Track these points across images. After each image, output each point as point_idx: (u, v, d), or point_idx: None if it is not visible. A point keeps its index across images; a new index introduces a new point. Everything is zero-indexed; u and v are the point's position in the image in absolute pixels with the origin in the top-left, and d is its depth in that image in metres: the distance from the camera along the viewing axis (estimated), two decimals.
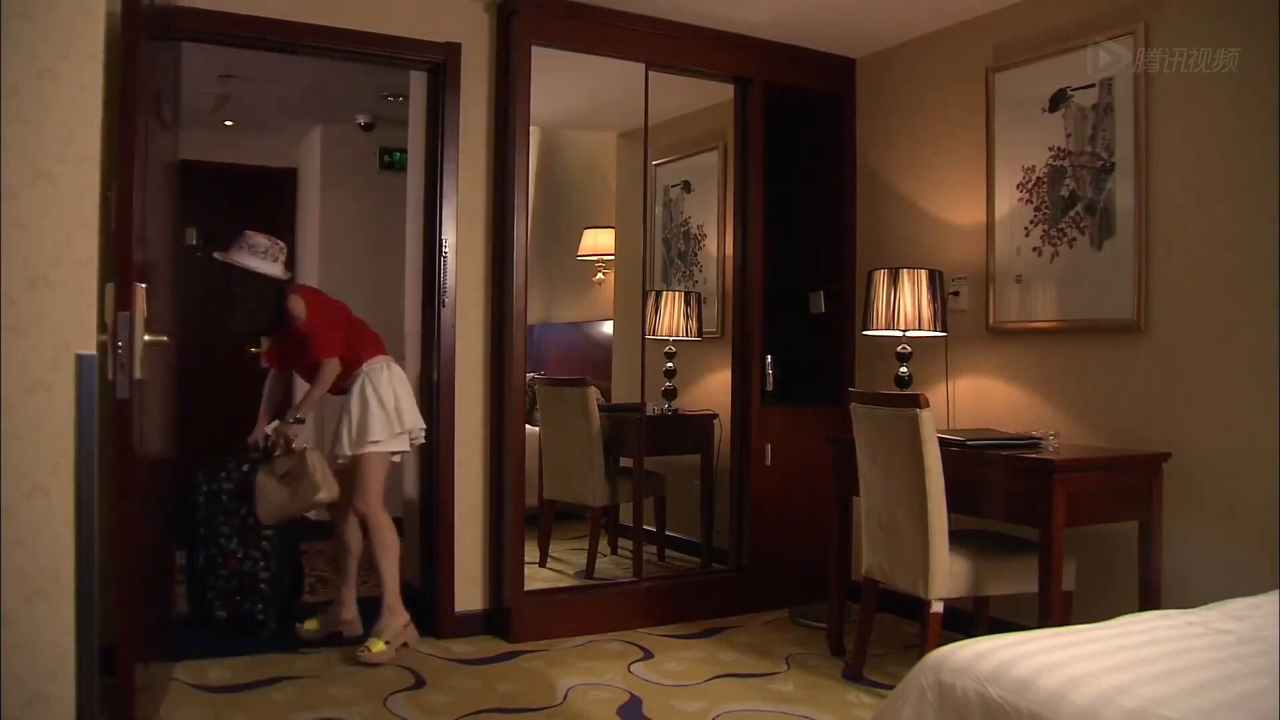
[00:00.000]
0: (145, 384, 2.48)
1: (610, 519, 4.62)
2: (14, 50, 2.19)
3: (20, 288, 2.20)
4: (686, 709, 3.05)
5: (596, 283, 4.70)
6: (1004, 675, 1.72)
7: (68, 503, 2.22)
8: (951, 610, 3.16)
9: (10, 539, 2.16)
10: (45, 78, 2.23)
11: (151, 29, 2.59)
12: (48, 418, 2.21)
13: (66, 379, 2.23)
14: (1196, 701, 1.56)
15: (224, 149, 6.01)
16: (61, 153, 2.24)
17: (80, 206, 2.26)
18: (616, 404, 4.53)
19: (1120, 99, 3.40)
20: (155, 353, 2.61)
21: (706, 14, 3.98)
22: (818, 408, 4.38)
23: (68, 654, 2.21)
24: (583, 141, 4.98)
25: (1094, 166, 3.48)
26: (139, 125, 2.43)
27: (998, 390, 3.83)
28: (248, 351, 6.24)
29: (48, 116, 2.23)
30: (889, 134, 4.35)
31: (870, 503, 3.33)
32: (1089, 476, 3.07)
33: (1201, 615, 2.08)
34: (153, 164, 2.67)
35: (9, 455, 2.17)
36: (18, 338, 2.20)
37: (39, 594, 2.19)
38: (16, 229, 2.20)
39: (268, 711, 2.98)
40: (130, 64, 2.40)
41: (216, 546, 3.76)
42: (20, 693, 2.16)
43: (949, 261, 3.99)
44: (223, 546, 3.76)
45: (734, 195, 4.35)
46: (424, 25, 3.76)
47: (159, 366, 2.78)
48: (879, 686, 3.24)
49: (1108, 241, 3.44)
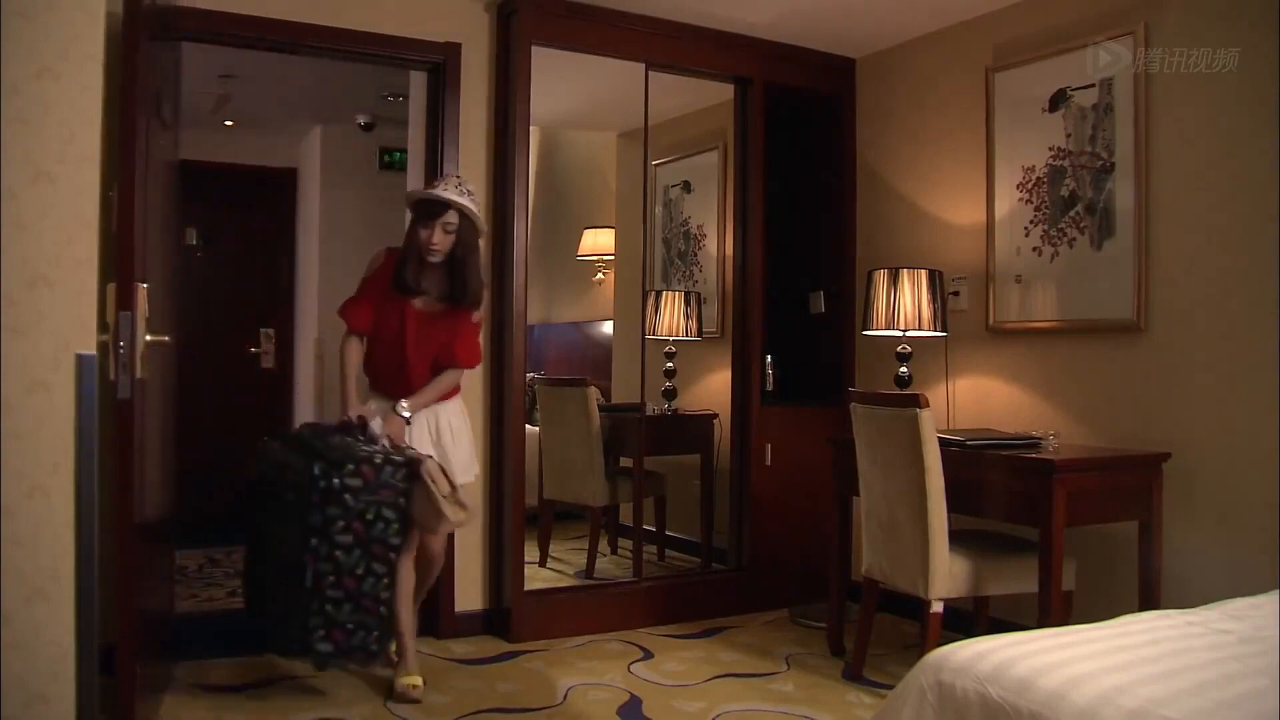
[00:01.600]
0: (146, 384, 2.48)
1: (610, 519, 4.62)
2: (14, 50, 2.19)
3: (20, 288, 2.20)
4: (686, 709, 3.05)
5: (596, 283, 4.70)
6: (1004, 675, 1.72)
7: (68, 503, 2.22)
8: (951, 610, 3.16)
9: (10, 539, 2.16)
10: (45, 78, 2.22)
11: (151, 29, 2.60)
12: (48, 418, 2.21)
13: (66, 379, 2.23)
14: (1196, 701, 1.56)
15: (224, 149, 6.01)
16: (61, 153, 2.24)
17: (80, 206, 2.26)
18: (616, 404, 4.53)
19: (1120, 99, 3.40)
20: (156, 353, 2.62)
21: (706, 14, 3.98)
22: (818, 408, 4.38)
23: (68, 654, 2.21)
24: (583, 141, 4.98)
25: (1094, 166, 3.48)
26: (139, 125, 2.43)
27: (998, 390, 3.83)
28: (247, 351, 6.27)
29: (48, 116, 2.23)
30: (889, 134, 4.35)
31: (870, 503, 3.33)
32: (1089, 476, 3.07)
33: (1201, 615, 2.08)
34: (153, 164, 2.67)
35: (9, 455, 2.17)
36: (18, 338, 2.20)
37: (39, 594, 2.19)
38: (16, 229, 2.20)
39: (268, 711, 2.98)
40: (130, 64, 2.40)
41: (332, 561, 2.89)
42: (20, 693, 2.16)
43: (949, 261, 3.99)
44: (340, 561, 2.90)
45: (734, 195, 4.35)
46: (424, 25, 3.76)
47: (159, 366, 2.78)
48: (879, 686, 3.24)
49: (1108, 241, 3.44)
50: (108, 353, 2.31)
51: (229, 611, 4.12)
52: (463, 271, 3.08)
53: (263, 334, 6.31)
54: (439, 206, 3.02)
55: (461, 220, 3.05)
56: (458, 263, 3.08)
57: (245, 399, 6.27)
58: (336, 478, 2.85)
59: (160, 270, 2.82)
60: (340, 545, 2.88)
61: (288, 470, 2.99)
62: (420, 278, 3.09)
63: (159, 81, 2.80)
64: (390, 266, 3.13)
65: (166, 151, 3.05)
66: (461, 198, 3.04)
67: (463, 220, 3.06)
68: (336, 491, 2.86)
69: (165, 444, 3.13)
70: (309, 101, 5.60)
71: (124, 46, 2.40)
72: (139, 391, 2.40)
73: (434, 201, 3.03)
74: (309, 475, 2.86)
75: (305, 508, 2.86)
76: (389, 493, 2.92)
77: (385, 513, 2.93)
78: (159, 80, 2.80)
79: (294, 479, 2.94)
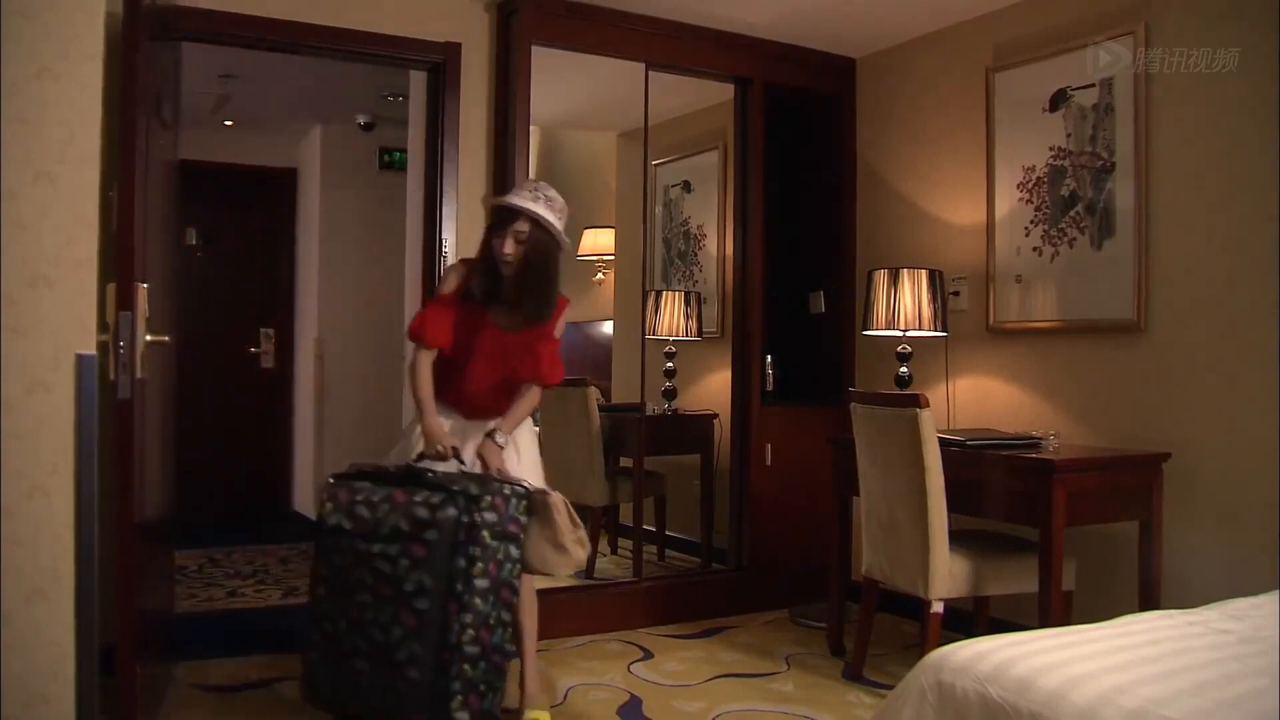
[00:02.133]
0: (146, 383, 2.48)
1: (610, 519, 4.61)
2: (14, 50, 2.19)
3: (20, 288, 2.20)
4: (686, 709, 3.05)
5: (596, 283, 4.70)
6: (1004, 675, 1.72)
7: (68, 503, 2.22)
8: (951, 610, 3.15)
9: (10, 539, 2.16)
10: (45, 78, 2.22)
11: (151, 29, 2.59)
12: (48, 418, 2.21)
13: (66, 379, 2.23)
14: (1196, 701, 1.56)
15: (224, 149, 6.01)
16: (61, 153, 2.24)
17: (80, 206, 2.26)
18: (616, 404, 4.52)
19: (1120, 99, 3.40)
20: (156, 353, 2.62)
21: (706, 14, 3.98)
22: (818, 408, 4.38)
23: (68, 654, 2.21)
24: (583, 141, 4.97)
25: (1094, 166, 3.48)
26: (139, 125, 2.43)
27: (998, 390, 3.82)
28: (247, 351, 6.27)
29: (48, 116, 2.23)
30: (889, 134, 4.35)
31: (870, 503, 3.33)
32: (1089, 476, 3.07)
33: (1201, 615, 2.08)
34: (153, 164, 2.67)
35: (9, 455, 2.17)
36: (18, 338, 2.20)
37: (39, 594, 2.19)
38: (16, 229, 2.20)
39: (268, 711, 2.98)
40: (130, 64, 2.40)
41: (473, 611, 2.50)
42: (20, 693, 2.16)
43: (949, 261, 3.98)
44: (479, 610, 2.51)
45: (734, 195, 4.35)
46: (424, 25, 3.76)
47: (159, 366, 2.78)
48: (879, 686, 3.24)
49: (1108, 241, 3.44)
50: (108, 352, 2.31)
51: (229, 611, 4.13)
52: (527, 283, 2.82)
53: (262, 334, 6.32)
54: (511, 213, 2.80)
55: (533, 229, 2.79)
56: (524, 274, 2.82)
57: (245, 399, 6.28)
58: (477, 513, 2.53)
59: (160, 270, 2.82)
60: (479, 591, 2.52)
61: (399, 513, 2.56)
62: (493, 289, 2.84)
63: (159, 81, 2.80)
64: (468, 279, 2.90)
65: (166, 151, 3.05)
66: (535, 204, 2.80)
67: (535, 229, 2.79)
68: (478, 529, 2.52)
69: (165, 444, 3.13)
70: (309, 101, 5.60)
71: (124, 46, 2.40)
72: (139, 391, 2.40)
73: (507, 209, 2.82)
74: (448, 514, 2.51)
75: (452, 550, 2.50)
76: (515, 528, 2.61)
77: (511, 551, 2.60)
78: (159, 80, 2.80)
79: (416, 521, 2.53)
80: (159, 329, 2.57)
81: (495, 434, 2.83)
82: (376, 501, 2.59)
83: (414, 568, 2.51)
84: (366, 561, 2.56)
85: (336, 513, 2.63)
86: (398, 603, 2.51)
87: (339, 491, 2.67)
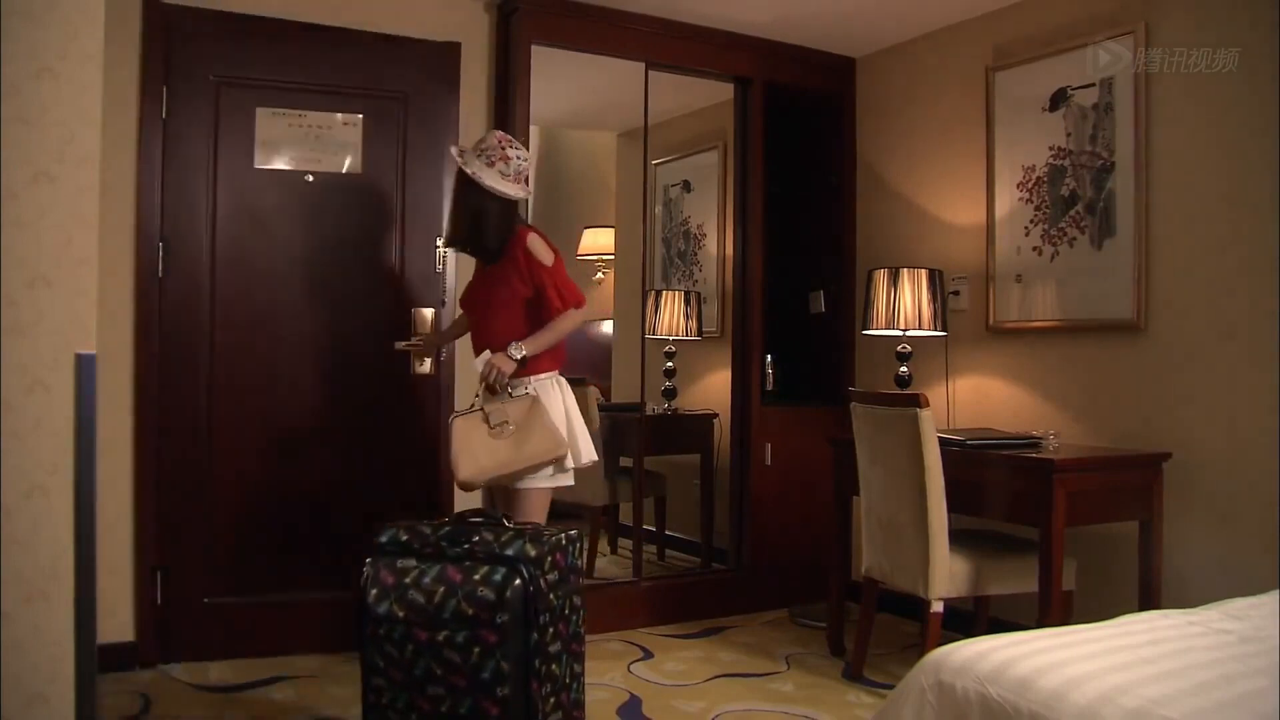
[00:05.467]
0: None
1: (610, 519, 4.62)
2: (14, 50, 2.19)
3: (20, 288, 2.20)
4: (686, 709, 3.05)
5: (596, 282, 4.70)
6: (1004, 675, 1.72)
7: (68, 503, 2.21)
8: (951, 610, 3.16)
9: (10, 539, 2.16)
10: (45, 78, 2.22)
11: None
12: (48, 418, 2.21)
13: (66, 379, 2.22)
14: (1196, 701, 1.57)
15: None
16: (61, 153, 2.24)
17: (80, 206, 2.26)
18: (616, 403, 4.52)
19: (1120, 99, 3.40)
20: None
21: (706, 14, 3.98)
22: (818, 408, 4.38)
23: (67, 654, 2.20)
24: (583, 141, 4.98)
25: (1094, 166, 3.48)
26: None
27: (998, 390, 3.83)
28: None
29: (48, 116, 2.22)
30: (889, 134, 4.35)
31: (870, 502, 3.33)
32: (1089, 476, 3.07)
33: (1201, 615, 2.08)
34: None
35: (9, 455, 2.17)
36: (18, 338, 2.19)
37: (38, 594, 2.19)
38: (16, 229, 2.19)
39: (268, 711, 2.98)
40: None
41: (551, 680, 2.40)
42: (20, 693, 2.15)
43: (949, 261, 3.98)
44: (556, 676, 2.42)
45: (734, 195, 4.35)
46: (424, 25, 3.76)
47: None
48: (879, 686, 3.24)
49: (1108, 241, 3.44)
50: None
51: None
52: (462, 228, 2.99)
53: None
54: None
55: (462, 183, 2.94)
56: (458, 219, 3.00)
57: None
58: (541, 579, 2.36)
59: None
60: (553, 657, 2.39)
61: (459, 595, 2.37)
62: (452, 235, 3.07)
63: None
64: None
65: None
66: (459, 157, 2.92)
67: (463, 184, 2.93)
68: (544, 594, 2.36)
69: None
70: None
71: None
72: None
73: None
74: (515, 592, 2.32)
75: (525, 626, 2.33)
76: (575, 577, 2.48)
77: (575, 601, 2.48)
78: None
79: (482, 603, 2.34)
80: None
81: (511, 347, 2.89)
82: (428, 584, 2.39)
83: (487, 654, 2.32)
84: (432, 652, 2.36)
85: (385, 600, 2.41)
86: (476, 693, 2.33)
87: (383, 573, 2.45)
